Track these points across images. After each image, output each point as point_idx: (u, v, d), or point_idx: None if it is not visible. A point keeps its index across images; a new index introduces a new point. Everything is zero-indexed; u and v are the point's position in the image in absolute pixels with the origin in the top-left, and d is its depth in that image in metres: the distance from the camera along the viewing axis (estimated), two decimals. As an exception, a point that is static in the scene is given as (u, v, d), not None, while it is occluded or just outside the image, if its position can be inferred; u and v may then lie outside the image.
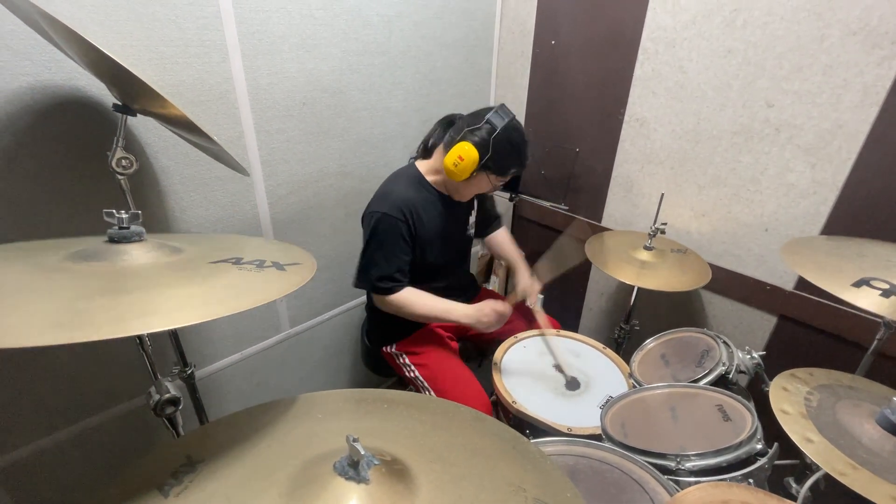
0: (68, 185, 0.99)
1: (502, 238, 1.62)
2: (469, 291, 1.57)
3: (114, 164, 0.87)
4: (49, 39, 0.86)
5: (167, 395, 0.77)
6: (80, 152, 0.99)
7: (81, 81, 0.96)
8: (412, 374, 1.39)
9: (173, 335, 1.12)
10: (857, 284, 0.85)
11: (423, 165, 1.33)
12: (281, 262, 0.75)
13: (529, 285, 1.45)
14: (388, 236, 1.21)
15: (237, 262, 0.73)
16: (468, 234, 1.49)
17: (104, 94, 0.98)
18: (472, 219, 1.48)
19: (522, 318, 1.53)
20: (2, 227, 0.93)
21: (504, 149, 1.19)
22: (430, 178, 1.32)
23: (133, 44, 1.00)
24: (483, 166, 1.19)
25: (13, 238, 0.93)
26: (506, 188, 1.85)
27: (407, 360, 1.41)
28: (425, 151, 1.36)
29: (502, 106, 1.22)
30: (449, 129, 1.29)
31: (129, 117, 0.90)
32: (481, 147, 1.17)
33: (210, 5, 1.08)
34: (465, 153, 1.17)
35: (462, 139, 1.18)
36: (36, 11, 0.74)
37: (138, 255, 0.69)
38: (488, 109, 1.21)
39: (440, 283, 1.37)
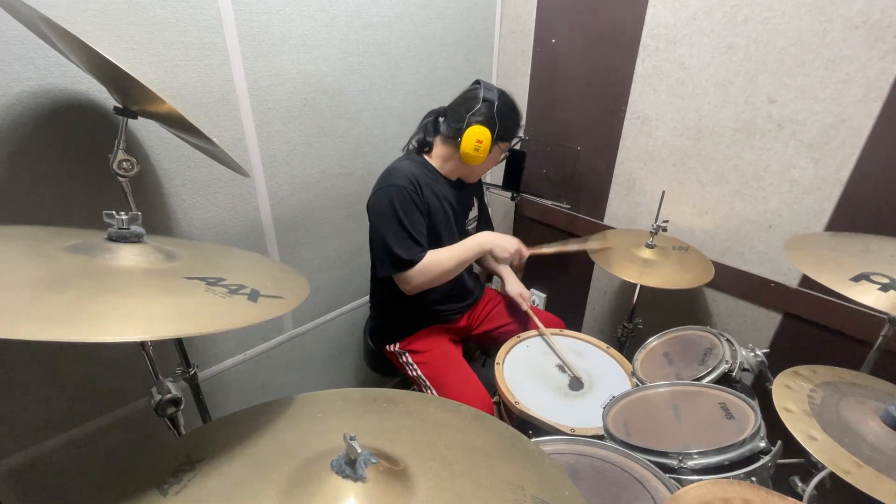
0: (71, 188, 1.00)
1: None
2: (476, 291, 1.57)
3: (115, 166, 0.88)
4: (51, 44, 0.86)
5: (168, 395, 0.77)
6: (82, 155, 1.00)
7: (83, 85, 0.97)
8: (415, 373, 1.39)
9: (176, 336, 1.13)
10: (856, 279, 0.84)
11: (426, 157, 1.35)
12: (261, 291, 0.69)
13: (519, 292, 1.52)
14: (405, 205, 1.21)
15: (215, 282, 0.67)
16: (468, 229, 1.48)
17: (106, 98, 0.99)
18: (472, 214, 1.48)
19: (524, 318, 1.53)
20: (6, 230, 0.94)
21: (507, 115, 1.28)
22: (436, 166, 1.34)
23: (134, 47, 1.01)
24: (496, 139, 1.27)
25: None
26: (507, 187, 1.85)
27: (410, 359, 1.41)
28: (420, 149, 1.36)
29: (483, 82, 1.29)
30: (436, 123, 1.33)
31: (130, 120, 0.91)
32: (490, 124, 1.25)
33: (210, 8, 1.09)
34: (481, 135, 1.24)
35: (469, 125, 1.24)
36: (38, 16, 0.75)
37: (128, 256, 0.67)
38: (473, 92, 1.28)
39: (447, 283, 1.36)
